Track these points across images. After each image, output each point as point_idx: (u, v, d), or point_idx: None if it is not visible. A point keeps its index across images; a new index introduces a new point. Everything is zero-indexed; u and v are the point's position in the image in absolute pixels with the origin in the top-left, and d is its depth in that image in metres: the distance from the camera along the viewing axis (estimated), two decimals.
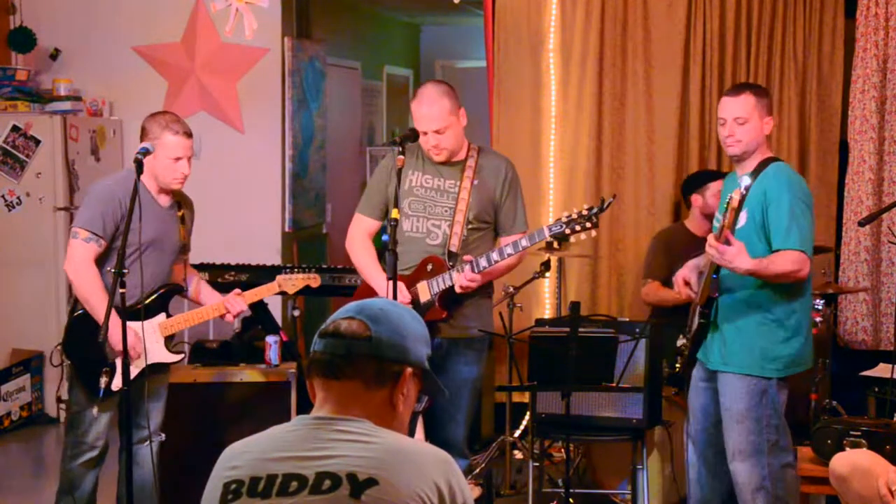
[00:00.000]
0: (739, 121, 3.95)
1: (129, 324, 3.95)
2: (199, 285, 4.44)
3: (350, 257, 4.39)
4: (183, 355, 4.34)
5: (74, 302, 4.18)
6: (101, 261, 4.08)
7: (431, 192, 4.18)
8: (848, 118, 5.85)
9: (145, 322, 4.08)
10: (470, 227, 4.16)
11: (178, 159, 4.12)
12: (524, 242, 4.03)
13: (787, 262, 3.83)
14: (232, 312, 4.33)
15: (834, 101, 5.92)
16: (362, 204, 4.35)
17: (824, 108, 5.92)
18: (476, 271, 4.03)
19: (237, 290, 4.38)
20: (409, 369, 2.03)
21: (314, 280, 4.60)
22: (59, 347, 4.22)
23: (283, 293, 4.58)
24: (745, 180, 3.69)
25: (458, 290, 4.06)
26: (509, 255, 4.05)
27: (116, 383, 4.02)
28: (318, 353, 2.02)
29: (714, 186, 5.25)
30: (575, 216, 3.98)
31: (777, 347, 3.93)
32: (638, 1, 6.00)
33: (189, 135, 4.16)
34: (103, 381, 3.98)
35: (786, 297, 3.92)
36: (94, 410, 4.07)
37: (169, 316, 4.23)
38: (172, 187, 4.20)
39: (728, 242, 3.73)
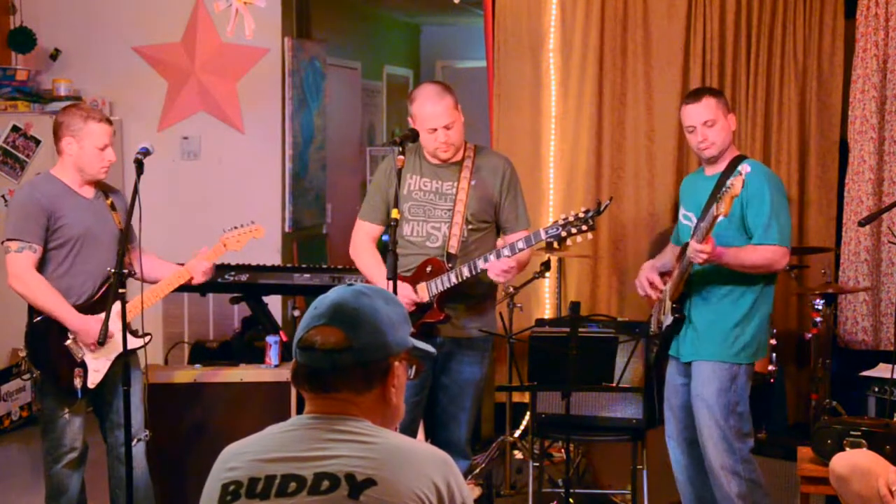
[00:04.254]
0: (708, 123, 4.05)
1: (92, 318, 3.96)
2: (142, 265, 4.26)
3: (356, 264, 4.38)
4: (150, 336, 4.22)
5: (30, 311, 4.13)
6: (38, 267, 4.03)
7: (430, 195, 4.19)
8: (848, 118, 5.85)
9: (104, 314, 3.99)
10: (469, 227, 4.16)
11: (104, 147, 4.07)
12: (521, 245, 4.01)
13: (762, 255, 3.96)
14: (200, 275, 4.24)
15: (834, 101, 5.92)
16: (363, 210, 4.34)
17: (824, 108, 5.92)
18: (511, 254, 3.97)
19: (195, 252, 4.28)
20: (396, 362, 2.01)
21: (257, 231, 4.46)
22: (24, 359, 4.16)
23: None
24: (747, 168, 3.71)
25: (496, 278, 4.02)
26: (521, 249, 4.02)
27: (92, 380, 4.01)
28: (300, 365, 1.99)
29: None
30: (572, 219, 3.97)
31: (742, 335, 4.06)
32: (638, 1, 6.00)
33: (110, 122, 4.13)
34: (78, 381, 3.97)
35: (754, 287, 4.07)
36: (66, 414, 4.04)
37: (125, 302, 4.14)
38: (99, 177, 4.14)
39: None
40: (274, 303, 6.12)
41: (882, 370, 5.28)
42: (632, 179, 6.06)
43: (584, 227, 3.95)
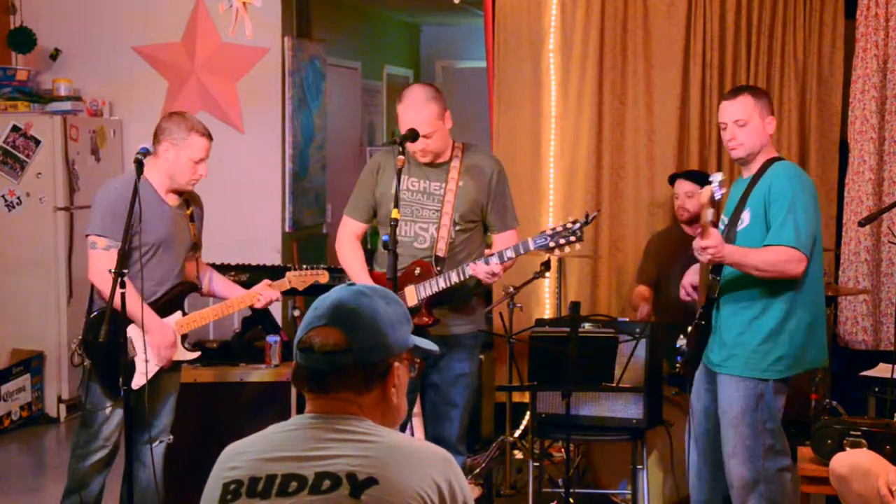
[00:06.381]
0: (739, 123, 3.91)
1: (164, 320, 4.07)
2: (211, 280, 4.42)
3: (338, 259, 4.42)
4: (198, 353, 4.32)
5: (91, 301, 4.16)
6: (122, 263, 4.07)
7: (418, 195, 4.20)
8: (848, 118, 5.85)
9: (173, 317, 4.16)
10: (457, 228, 4.17)
11: (199, 161, 4.11)
12: (509, 253, 4.02)
13: (769, 255, 3.80)
14: (262, 301, 4.33)
15: (834, 101, 5.92)
16: (349, 206, 4.38)
17: (824, 108, 5.92)
18: (501, 262, 4.01)
19: (267, 281, 4.38)
20: (396, 362, 2.01)
21: (323, 276, 4.57)
22: (77, 348, 4.20)
23: (292, 290, 4.56)
24: (717, 177, 3.67)
25: (482, 278, 4.05)
26: (509, 258, 4.04)
27: (137, 381, 4.03)
28: (300, 366, 1.99)
29: (677, 187, 5.40)
30: (560, 229, 3.98)
31: (773, 349, 3.88)
32: (638, 1, 6.00)
33: (211, 137, 4.15)
34: (121, 379, 3.99)
35: (784, 296, 3.88)
36: (108, 409, 4.07)
37: (185, 314, 4.23)
38: (187, 189, 4.17)
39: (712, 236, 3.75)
40: (274, 303, 6.11)
41: (882, 370, 5.27)
42: (632, 179, 6.06)
43: (573, 238, 3.97)
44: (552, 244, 3.97)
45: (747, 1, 5.92)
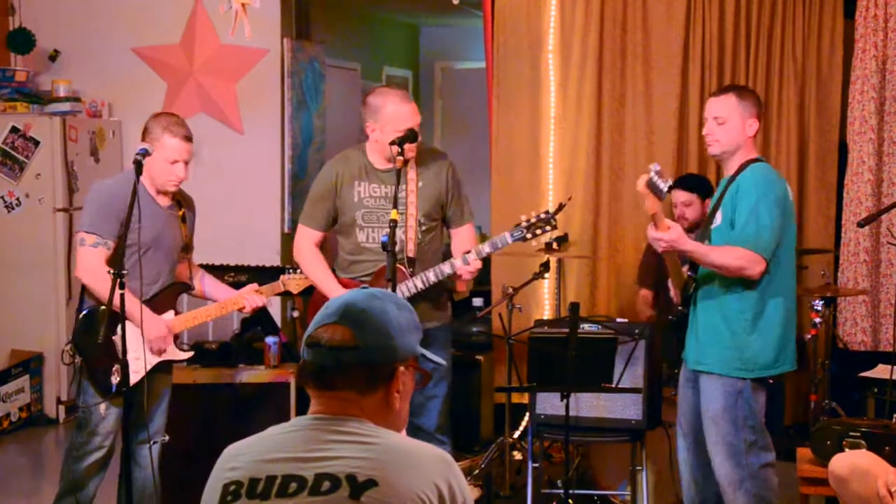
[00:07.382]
0: (719, 120, 3.94)
1: (161, 318, 4.09)
2: (203, 281, 4.44)
3: (301, 267, 4.45)
4: (192, 353, 4.34)
5: (82, 299, 4.17)
6: (111, 261, 4.06)
7: (381, 200, 4.28)
8: (847, 119, 5.85)
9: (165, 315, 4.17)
10: (423, 228, 4.28)
11: (174, 162, 4.10)
12: (487, 249, 4.15)
13: (728, 254, 3.82)
14: (250, 306, 4.35)
15: (833, 101, 5.92)
16: (305, 216, 4.44)
17: (823, 108, 5.93)
18: (480, 257, 4.16)
19: (255, 286, 4.39)
20: (401, 367, 2.02)
21: None
22: (68, 346, 4.20)
23: (287, 293, 4.58)
24: (654, 167, 3.68)
25: (467, 276, 4.18)
26: (488, 254, 4.18)
27: (130, 379, 4.04)
28: (307, 362, 2.00)
29: (674, 196, 5.35)
30: (534, 220, 4.15)
31: (746, 349, 3.87)
32: (637, 2, 6.01)
33: (188, 139, 4.13)
34: (115, 377, 3.99)
35: (756, 296, 3.87)
36: (102, 408, 4.07)
37: (177, 314, 4.23)
38: (166, 189, 4.17)
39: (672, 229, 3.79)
40: (273, 303, 6.12)
41: (881, 371, 5.28)
42: (631, 180, 6.05)
43: (548, 228, 4.16)
44: (529, 235, 4.17)
45: (746, 1, 5.93)
